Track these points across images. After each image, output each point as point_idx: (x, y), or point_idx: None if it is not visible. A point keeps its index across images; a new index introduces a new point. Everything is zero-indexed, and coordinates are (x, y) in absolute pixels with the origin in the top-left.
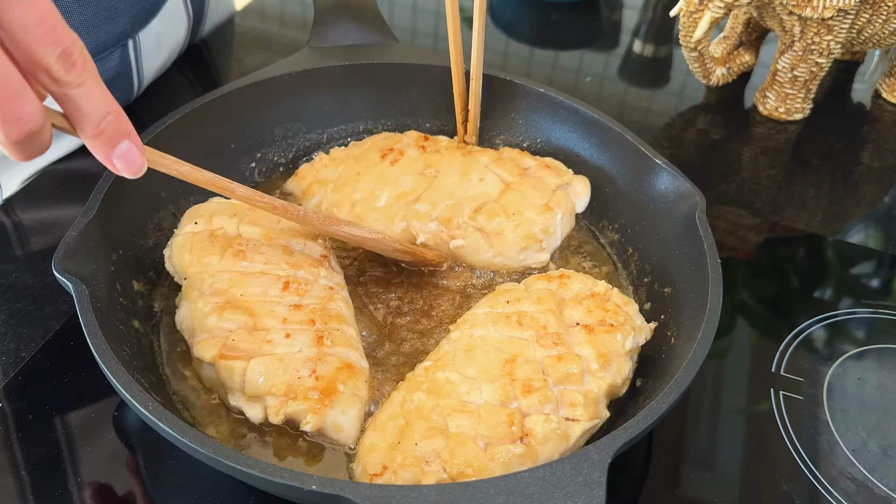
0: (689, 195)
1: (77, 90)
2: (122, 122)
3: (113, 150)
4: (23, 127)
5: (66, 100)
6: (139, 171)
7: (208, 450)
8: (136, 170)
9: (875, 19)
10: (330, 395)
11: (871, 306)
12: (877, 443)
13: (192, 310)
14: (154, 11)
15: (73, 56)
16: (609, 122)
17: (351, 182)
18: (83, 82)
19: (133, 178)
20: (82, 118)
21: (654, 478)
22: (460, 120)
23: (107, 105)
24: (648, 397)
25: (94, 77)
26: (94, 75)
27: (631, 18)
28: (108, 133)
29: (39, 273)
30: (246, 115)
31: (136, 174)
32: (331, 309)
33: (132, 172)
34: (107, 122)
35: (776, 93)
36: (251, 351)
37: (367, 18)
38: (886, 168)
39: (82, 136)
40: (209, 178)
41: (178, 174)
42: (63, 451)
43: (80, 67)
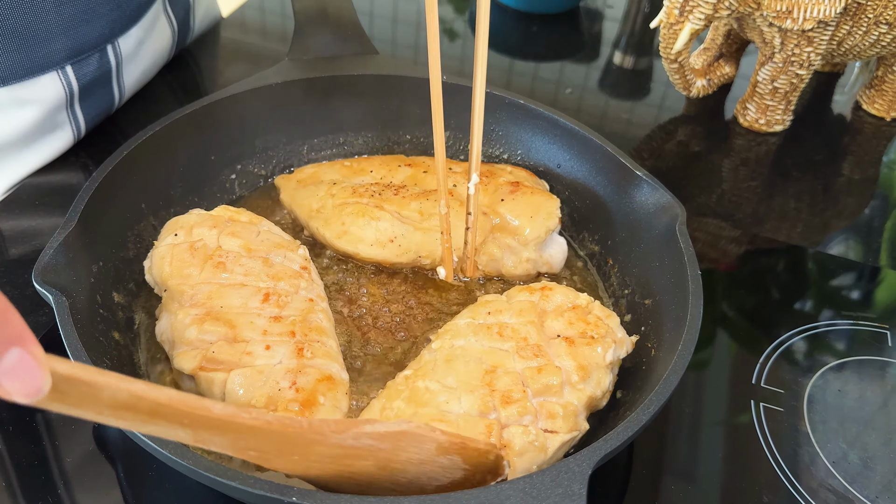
0: (670, 207)
1: None
2: (10, 320)
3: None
4: None
5: None
6: (37, 393)
7: (189, 461)
8: (34, 390)
9: (855, 31)
10: (310, 406)
11: (852, 318)
12: (857, 454)
13: (172, 322)
14: (135, 18)
15: None
16: (589, 133)
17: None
18: None
19: (28, 403)
20: None
21: (634, 490)
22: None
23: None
24: (629, 409)
25: None
26: None
27: (611, 30)
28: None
29: (19, 284)
30: (226, 127)
31: (33, 397)
32: (311, 320)
33: (27, 396)
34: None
35: (756, 104)
36: (231, 363)
37: (347, 30)
38: (867, 180)
39: None
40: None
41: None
42: (43, 462)
43: None
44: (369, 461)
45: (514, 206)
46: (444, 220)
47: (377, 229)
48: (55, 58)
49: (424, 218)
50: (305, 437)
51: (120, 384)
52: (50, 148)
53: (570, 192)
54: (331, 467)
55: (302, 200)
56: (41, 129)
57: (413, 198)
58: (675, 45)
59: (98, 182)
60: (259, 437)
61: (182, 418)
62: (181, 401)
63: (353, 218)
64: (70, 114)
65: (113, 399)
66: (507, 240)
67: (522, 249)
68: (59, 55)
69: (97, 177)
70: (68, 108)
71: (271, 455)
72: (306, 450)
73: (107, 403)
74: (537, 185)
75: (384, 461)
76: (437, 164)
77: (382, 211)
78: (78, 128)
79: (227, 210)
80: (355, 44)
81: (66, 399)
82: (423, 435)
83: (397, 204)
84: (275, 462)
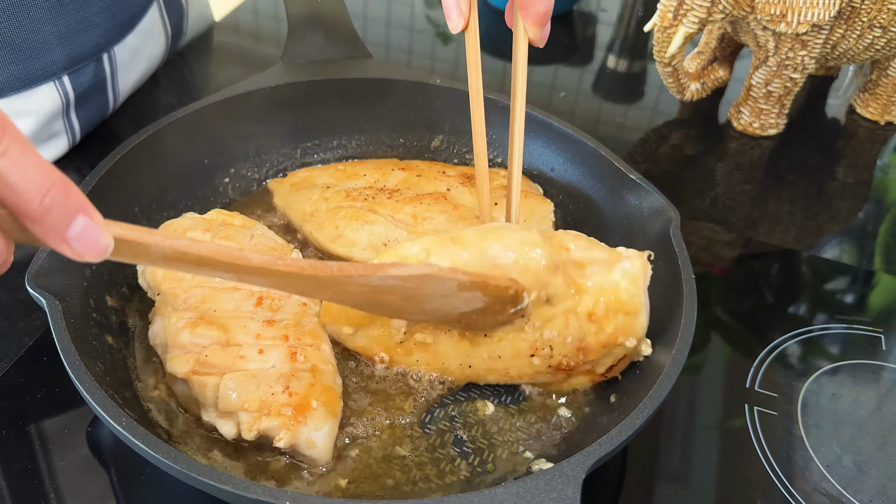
0: (663, 210)
1: (2, 161)
2: (71, 193)
3: (67, 231)
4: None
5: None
6: (104, 253)
7: (182, 465)
8: (101, 251)
9: (849, 35)
10: (303, 411)
11: (846, 322)
12: (851, 458)
13: (165, 325)
14: (130, 26)
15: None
16: (583, 137)
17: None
18: (6, 149)
19: (97, 261)
20: (19, 198)
21: (628, 494)
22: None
23: (47, 176)
24: (623, 413)
25: (20, 143)
26: (20, 141)
27: (605, 34)
28: (56, 210)
29: (12, 288)
30: (219, 131)
31: (101, 256)
32: (304, 324)
33: (95, 255)
34: (52, 197)
35: (750, 108)
36: (224, 367)
37: (340, 33)
38: (861, 183)
39: (27, 221)
40: (213, 252)
41: (164, 256)
42: (36, 466)
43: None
44: (396, 296)
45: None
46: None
47: (371, 233)
48: (52, 68)
49: (418, 222)
50: (335, 279)
51: (165, 242)
52: (46, 156)
53: (564, 196)
54: (362, 299)
55: (296, 204)
56: (37, 139)
57: (407, 202)
58: (668, 49)
59: (91, 186)
60: (294, 280)
61: (224, 267)
62: (222, 253)
63: (347, 222)
64: (66, 122)
65: (162, 253)
66: None
67: None
68: (56, 66)
69: (90, 181)
70: (64, 116)
71: (308, 293)
72: (338, 288)
73: (157, 257)
74: (531, 188)
75: (409, 296)
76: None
77: (376, 215)
78: (73, 135)
79: (221, 214)
80: (349, 47)
81: (123, 255)
82: (444, 276)
83: (391, 208)
84: (311, 296)
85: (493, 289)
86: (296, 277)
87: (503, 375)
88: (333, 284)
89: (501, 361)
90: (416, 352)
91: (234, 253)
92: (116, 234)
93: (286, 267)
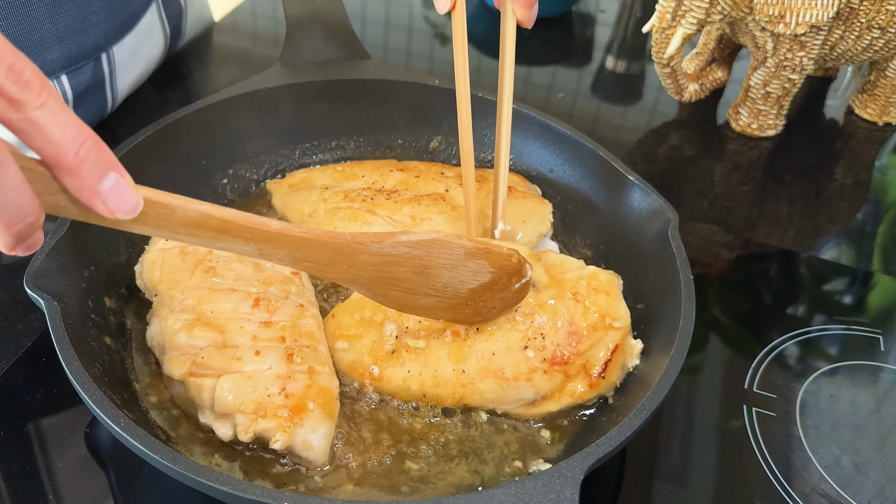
0: (662, 211)
1: (40, 112)
2: (104, 150)
3: (100, 184)
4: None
5: (31, 127)
6: (134, 210)
7: (180, 466)
8: (132, 208)
9: (848, 35)
10: (299, 412)
11: (844, 323)
12: (849, 459)
13: (163, 327)
14: (129, 26)
15: (25, 73)
16: (581, 138)
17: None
18: (44, 102)
19: (127, 218)
20: (55, 148)
21: (626, 495)
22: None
23: (81, 129)
24: (621, 414)
25: (56, 98)
26: (55, 97)
27: (604, 35)
28: (90, 162)
29: (11, 289)
30: (218, 132)
31: (132, 213)
32: (301, 326)
33: (126, 211)
34: (87, 149)
35: (749, 109)
36: (221, 368)
37: (338, 34)
38: (859, 184)
39: (60, 173)
40: (235, 217)
41: (188, 221)
42: (35, 467)
43: (38, 86)
44: (407, 267)
45: (507, 211)
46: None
47: None
48: (50, 67)
49: (416, 222)
50: (350, 247)
51: (191, 205)
52: None
53: (563, 197)
54: (375, 274)
55: (294, 205)
56: None
57: (405, 202)
58: (667, 50)
59: None
60: (310, 248)
61: (245, 233)
62: (244, 218)
63: (345, 223)
64: None
65: (186, 218)
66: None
67: None
68: (55, 65)
69: None
70: None
71: (324, 265)
72: (352, 259)
73: (181, 222)
74: (529, 189)
75: (420, 267)
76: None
77: (374, 216)
78: None
79: None
80: (347, 48)
81: (148, 220)
82: (451, 242)
83: (389, 209)
84: (328, 272)
85: (497, 256)
86: (312, 245)
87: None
88: (348, 253)
89: (496, 359)
90: (409, 361)
91: (254, 218)
92: (145, 195)
93: (303, 234)
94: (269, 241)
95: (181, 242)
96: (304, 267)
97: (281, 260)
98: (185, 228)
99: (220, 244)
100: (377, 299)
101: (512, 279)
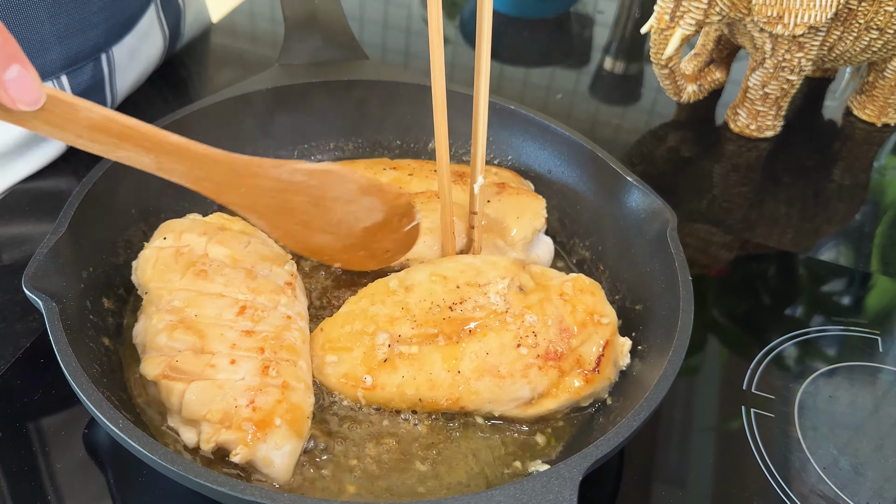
0: (660, 212)
1: None
2: (9, 41)
3: (4, 74)
4: None
5: None
6: (37, 101)
7: (178, 467)
8: (33, 99)
9: (846, 36)
10: (264, 427)
11: (843, 324)
12: (848, 460)
13: (147, 326)
14: (129, 27)
15: None
16: (580, 139)
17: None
18: None
19: (28, 109)
20: None
21: (625, 496)
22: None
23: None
24: (619, 415)
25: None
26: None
27: (602, 35)
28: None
29: (9, 290)
30: (216, 133)
31: (33, 105)
32: (284, 338)
33: (28, 101)
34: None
35: (747, 110)
36: (193, 373)
37: (337, 35)
38: (857, 185)
39: None
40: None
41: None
42: (33, 467)
43: None
44: (304, 196)
45: (501, 207)
46: (444, 211)
47: None
48: (50, 68)
49: None
50: (248, 168)
51: (93, 107)
52: (43, 155)
53: (561, 198)
54: (273, 202)
55: None
56: (35, 138)
57: None
58: (665, 51)
59: (88, 188)
60: (209, 166)
61: (145, 142)
62: (146, 127)
63: None
64: None
65: (89, 119)
66: (494, 240)
67: (509, 250)
68: (54, 65)
69: (87, 182)
70: None
71: (223, 187)
72: (250, 182)
73: (84, 124)
74: (522, 185)
75: (316, 198)
76: (438, 163)
77: None
78: None
79: (222, 217)
80: (345, 49)
81: (52, 119)
82: (345, 175)
83: None
84: (227, 195)
85: (388, 195)
86: (211, 162)
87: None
88: (246, 175)
89: (490, 358)
90: (402, 367)
91: (156, 129)
92: (49, 92)
93: (203, 150)
94: (169, 154)
95: (87, 150)
96: (204, 187)
97: (181, 177)
98: (87, 132)
99: (121, 153)
100: (275, 233)
101: (402, 220)
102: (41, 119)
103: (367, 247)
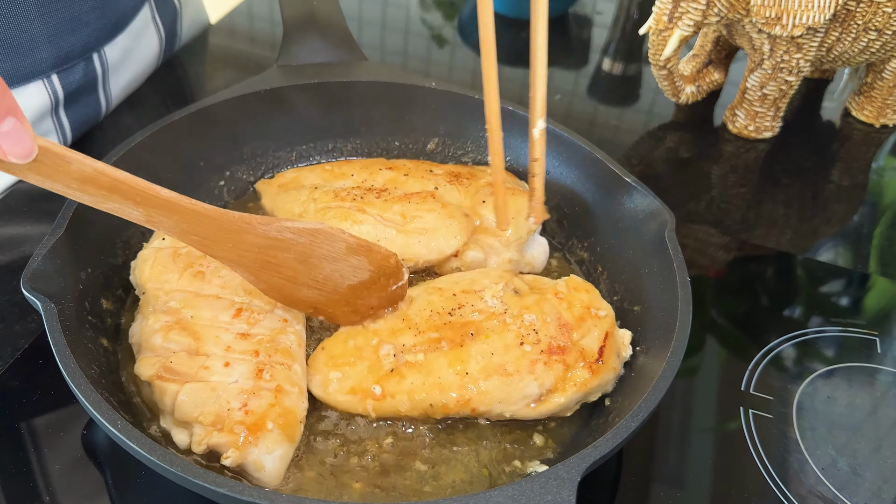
0: (659, 213)
1: None
2: (6, 95)
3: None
4: None
5: None
6: (29, 154)
7: (176, 468)
8: (26, 153)
9: (844, 37)
10: (256, 431)
11: (841, 325)
12: (846, 461)
13: (143, 326)
14: (121, 26)
15: None
16: (578, 140)
17: None
18: None
19: (20, 163)
20: None
21: (623, 496)
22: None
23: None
24: (618, 415)
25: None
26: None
27: (600, 36)
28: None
29: (8, 291)
30: (215, 134)
31: (25, 158)
32: (280, 341)
33: (20, 155)
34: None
35: (745, 111)
36: (187, 375)
37: (335, 36)
38: (856, 186)
39: None
40: (127, 178)
41: (82, 176)
42: (31, 468)
43: None
44: (291, 254)
45: None
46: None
47: (360, 233)
48: (40, 66)
49: (407, 221)
50: (236, 224)
51: (85, 160)
52: None
53: (560, 199)
54: (260, 257)
55: (284, 205)
56: None
57: (395, 201)
58: (664, 52)
59: None
60: (197, 221)
61: (135, 196)
62: (135, 181)
63: (337, 222)
64: (55, 121)
65: (80, 172)
66: (489, 241)
67: (504, 250)
68: (45, 64)
69: None
70: (53, 115)
71: (209, 241)
72: (238, 237)
73: (75, 177)
74: (517, 186)
75: (303, 255)
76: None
77: (365, 214)
78: (64, 134)
79: None
80: (344, 50)
81: (43, 170)
82: (334, 234)
83: (379, 207)
84: (214, 249)
85: (377, 256)
86: (199, 217)
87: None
88: (234, 231)
89: (496, 357)
90: (410, 375)
91: (146, 183)
92: (42, 144)
93: (191, 205)
94: (158, 208)
95: (77, 199)
96: (192, 241)
97: (169, 229)
98: (77, 183)
99: (111, 204)
100: (260, 286)
101: (389, 280)
102: (33, 170)
103: (351, 303)
